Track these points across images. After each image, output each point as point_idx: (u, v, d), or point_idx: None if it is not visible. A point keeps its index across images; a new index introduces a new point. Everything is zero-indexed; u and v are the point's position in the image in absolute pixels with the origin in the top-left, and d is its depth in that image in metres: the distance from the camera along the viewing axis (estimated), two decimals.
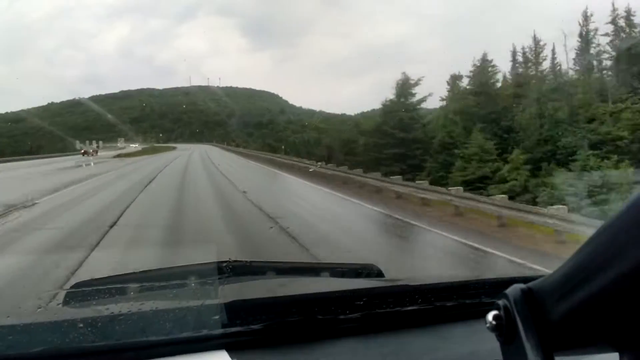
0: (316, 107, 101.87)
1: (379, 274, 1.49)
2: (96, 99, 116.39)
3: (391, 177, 17.10)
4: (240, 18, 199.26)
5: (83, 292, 1.15)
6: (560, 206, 9.68)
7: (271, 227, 9.26)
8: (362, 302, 1.12)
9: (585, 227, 7.65)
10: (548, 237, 9.00)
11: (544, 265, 6.05)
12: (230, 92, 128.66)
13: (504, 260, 7.24)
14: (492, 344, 0.58)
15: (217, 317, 1.02)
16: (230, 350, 0.99)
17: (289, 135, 61.88)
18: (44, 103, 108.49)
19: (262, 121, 76.88)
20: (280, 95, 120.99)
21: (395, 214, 11.87)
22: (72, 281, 1.48)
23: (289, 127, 68.71)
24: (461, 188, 13.51)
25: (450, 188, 13.80)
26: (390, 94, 36.20)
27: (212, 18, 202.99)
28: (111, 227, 9.51)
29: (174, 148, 66.18)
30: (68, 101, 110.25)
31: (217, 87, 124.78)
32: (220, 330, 1.01)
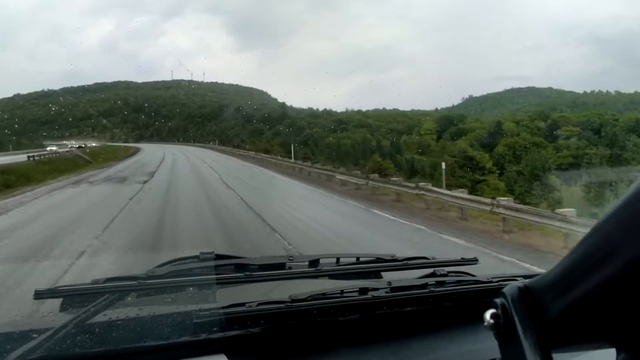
0: (305, 106, 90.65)
1: (377, 274, 1.44)
2: (67, 90, 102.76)
3: None
4: (228, 16, 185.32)
5: (80, 297, 1.11)
6: None
7: None
8: (360, 304, 1.12)
9: None
10: None
11: None
12: (216, 87, 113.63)
13: None
14: (491, 342, 0.58)
15: (215, 321, 1.01)
16: (229, 355, 0.99)
17: (320, 134, 44.92)
18: (10, 94, 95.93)
19: (272, 116, 59.01)
20: (268, 93, 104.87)
21: None
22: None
23: (313, 123, 51.52)
24: None
25: None
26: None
27: (199, 16, 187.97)
28: None
29: (134, 153, 43.49)
30: (35, 93, 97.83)
31: (202, 81, 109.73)
32: (219, 334, 1.01)
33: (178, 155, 38.07)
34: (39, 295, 1.06)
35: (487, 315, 0.56)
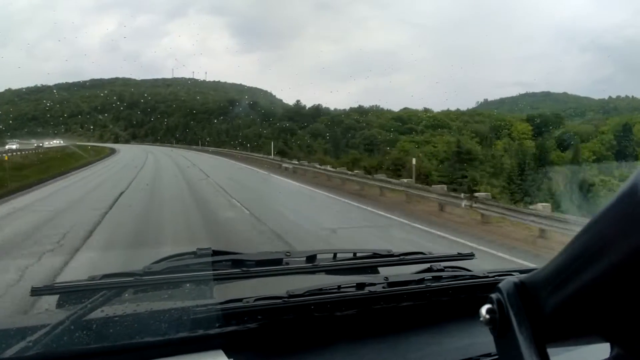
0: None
1: (374, 270, 1.44)
2: (61, 86, 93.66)
3: None
4: (231, 18, 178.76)
5: (77, 294, 1.11)
6: None
7: None
8: (357, 299, 1.12)
9: None
10: None
11: None
12: (219, 86, 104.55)
13: None
14: (487, 337, 0.58)
15: (213, 317, 1.01)
16: (227, 350, 0.99)
17: (385, 136, 34.44)
18: (1, 90, 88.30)
19: (300, 112, 48.29)
20: (272, 93, 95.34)
21: None
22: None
23: (363, 121, 40.95)
24: None
25: None
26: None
27: (202, 16, 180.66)
28: None
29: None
30: (27, 88, 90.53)
31: (204, 80, 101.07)
32: (216, 330, 1.01)
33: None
34: (36, 292, 1.04)
35: (483, 310, 0.56)
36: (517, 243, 8.79)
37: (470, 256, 1.46)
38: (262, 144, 38.51)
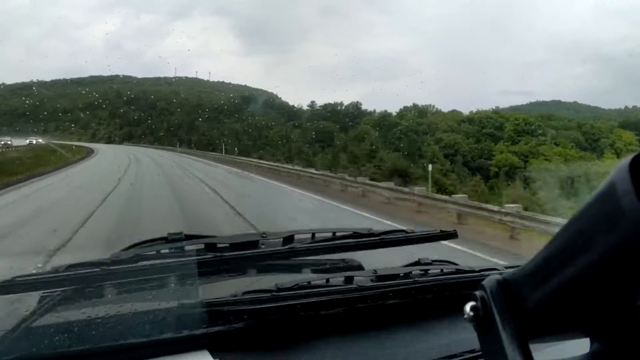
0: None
1: (359, 267, 1.43)
2: (57, 82, 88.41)
3: None
4: (236, 20, 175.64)
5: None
6: None
7: None
8: (344, 297, 1.13)
9: None
10: None
11: None
12: (223, 87, 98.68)
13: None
14: (470, 334, 0.59)
15: (198, 316, 1.00)
16: (212, 351, 0.97)
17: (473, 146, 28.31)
18: None
19: (336, 111, 41.83)
20: (278, 95, 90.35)
21: None
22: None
23: (424, 124, 34.72)
24: None
25: None
26: None
27: (206, 17, 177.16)
28: None
29: None
30: (22, 83, 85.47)
31: (208, 80, 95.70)
32: (201, 330, 0.99)
33: None
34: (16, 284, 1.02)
35: (467, 307, 0.57)
36: None
37: (452, 235, 1.43)
38: (295, 149, 30.98)
